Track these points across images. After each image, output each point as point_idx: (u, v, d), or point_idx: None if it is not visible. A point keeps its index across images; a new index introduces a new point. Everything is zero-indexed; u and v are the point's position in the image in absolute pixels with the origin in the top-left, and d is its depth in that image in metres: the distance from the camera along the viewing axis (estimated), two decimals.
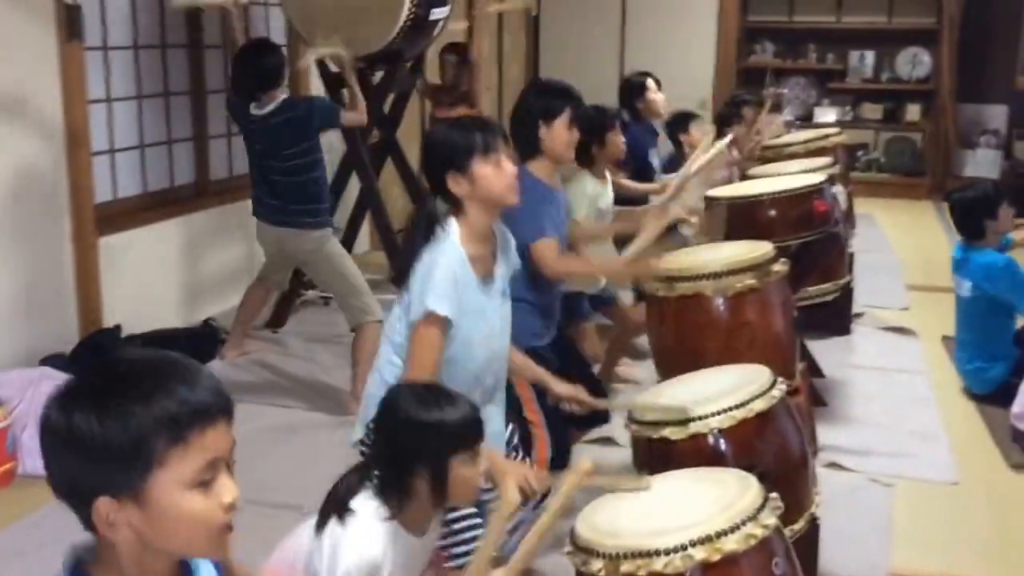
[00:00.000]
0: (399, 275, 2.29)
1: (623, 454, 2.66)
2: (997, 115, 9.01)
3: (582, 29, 8.93)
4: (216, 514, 1.11)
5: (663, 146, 5.33)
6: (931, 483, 3.37)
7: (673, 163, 5.07)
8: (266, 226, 4.18)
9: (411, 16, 4.41)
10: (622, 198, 4.59)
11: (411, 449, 1.77)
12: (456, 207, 2.20)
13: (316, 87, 5.17)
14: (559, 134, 2.88)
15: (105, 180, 4.56)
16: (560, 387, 2.51)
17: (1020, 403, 3.62)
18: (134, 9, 4.70)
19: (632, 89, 4.84)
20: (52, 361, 3.86)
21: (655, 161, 4.82)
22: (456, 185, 2.18)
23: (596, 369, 4.00)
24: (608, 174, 4.04)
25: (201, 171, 5.20)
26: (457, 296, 2.12)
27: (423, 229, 2.19)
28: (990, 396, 3.97)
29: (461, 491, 1.82)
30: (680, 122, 5.22)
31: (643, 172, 4.72)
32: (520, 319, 2.55)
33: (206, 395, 1.09)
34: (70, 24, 4.00)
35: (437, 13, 4.70)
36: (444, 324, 2.11)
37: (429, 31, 4.77)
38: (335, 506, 1.81)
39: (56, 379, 3.31)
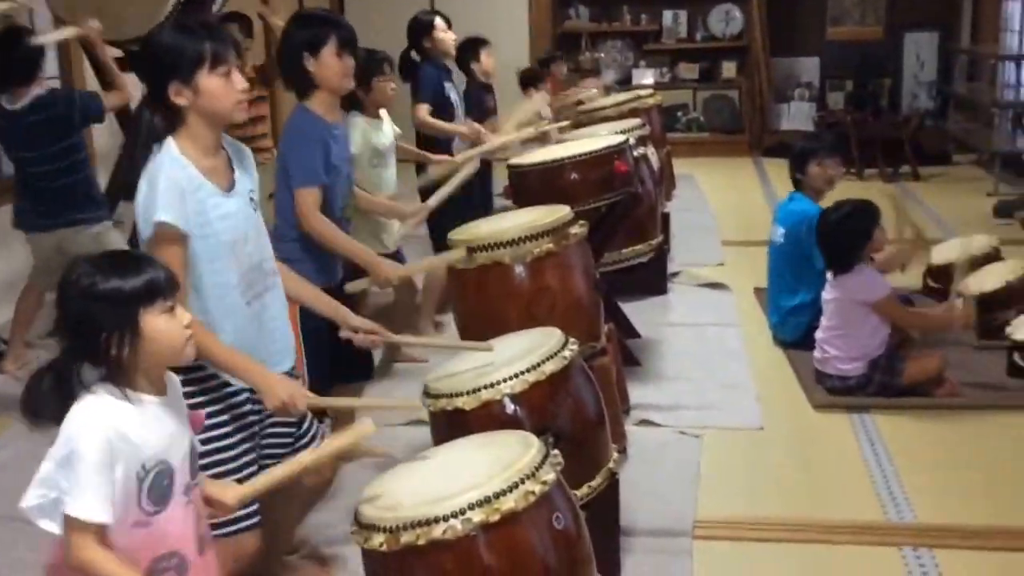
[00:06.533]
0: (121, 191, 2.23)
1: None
2: (810, 67, 9.56)
3: None
4: None
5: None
6: (737, 430, 3.59)
7: (470, 97, 5.18)
8: (40, 235, 4.14)
9: None
10: (428, 138, 4.69)
11: (95, 316, 1.73)
12: (176, 119, 2.15)
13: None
14: (329, 64, 2.85)
15: None
16: (356, 320, 2.54)
17: (821, 346, 3.89)
18: None
19: (420, 28, 4.78)
20: None
21: (453, 96, 4.86)
22: (178, 96, 2.12)
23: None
24: (383, 113, 4.08)
25: None
26: (185, 206, 2.09)
27: (143, 143, 2.13)
28: (797, 342, 4.24)
29: (162, 346, 1.77)
30: (469, 49, 5.24)
31: (441, 108, 4.76)
32: (296, 262, 2.63)
33: None
34: None
35: None
36: (176, 234, 2.08)
37: (207, 8, 4.69)
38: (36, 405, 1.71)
39: None
